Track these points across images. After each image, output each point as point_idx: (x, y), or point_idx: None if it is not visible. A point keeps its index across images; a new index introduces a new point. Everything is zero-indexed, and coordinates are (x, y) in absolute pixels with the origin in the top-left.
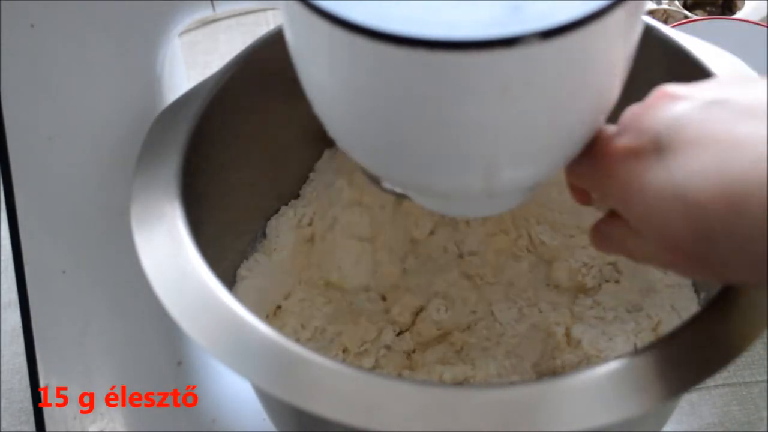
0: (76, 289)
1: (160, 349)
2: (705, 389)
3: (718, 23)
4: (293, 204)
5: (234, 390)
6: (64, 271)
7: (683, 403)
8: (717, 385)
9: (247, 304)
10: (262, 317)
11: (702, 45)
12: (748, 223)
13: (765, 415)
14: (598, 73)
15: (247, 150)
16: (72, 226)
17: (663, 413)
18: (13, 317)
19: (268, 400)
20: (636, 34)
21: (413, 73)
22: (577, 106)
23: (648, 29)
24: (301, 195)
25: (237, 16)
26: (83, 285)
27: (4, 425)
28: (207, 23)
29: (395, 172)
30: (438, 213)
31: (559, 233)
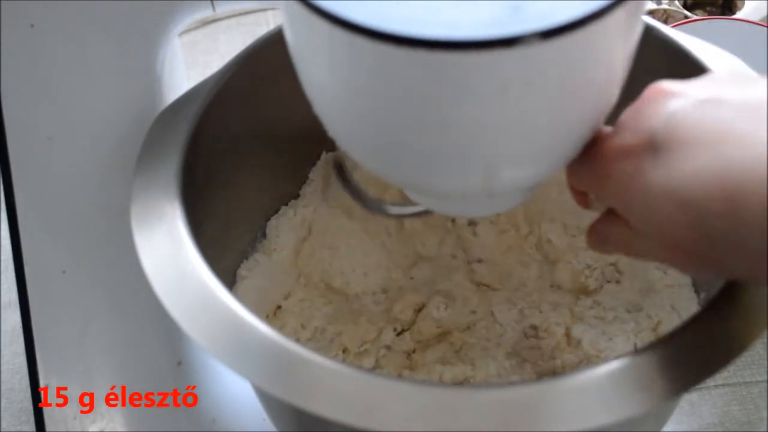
0: (76, 289)
1: (160, 349)
2: (705, 389)
3: (718, 23)
4: (293, 204)
5: (234, 390)
6: (64, 271)
7: (683, 403)
8: (717, 385)
9: (247, 304)
10: (262, 317)
11: (702, 45)
12: (747, 223)
13: (765, 415)
14: (598, 73)
15: (247, 150)
16: (72, 226)
17: (663, 413)
18: (13, 317)
19: (268, 400)
20: (636, 34)
21: (413, 73)
22: (577, 106)
23: (648, 29)
24: (301, 195)
25: (237, 16)
26: (83, 285)
27: (4, 425)
28: (207, 23)
29: (395, 171)
30: (443, 228)
31: (566, 233)
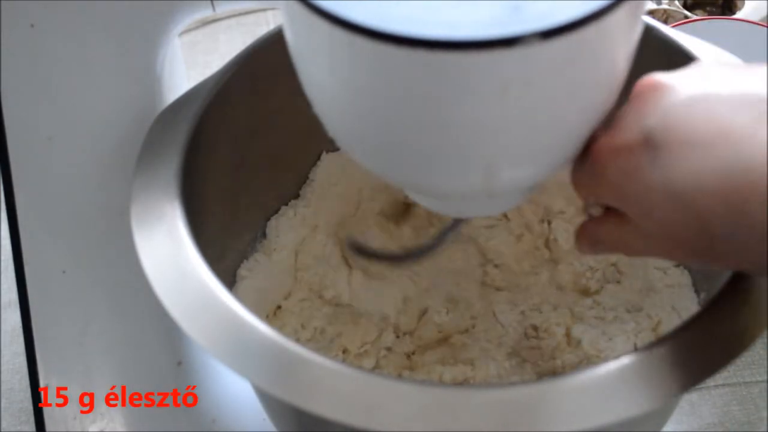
0: (76, 289)
1: (160, 349)
2: (705, 389)
3: (718, 23)
4: (293, 204)
5: (234, 390)
6: (64, 271)
7: (683, 403)
8: (717, 385)
9: (247, 304)
10: (262, 317)
11: (702, 45)
12: (748, 222)
13: (765, 415)
14: (597, 73)
15: (247, 150)
16: (72, 226)
17: (663, 413)
18: (13, 317)
19: (268, 400)
20: (636, 34)
21: (413, 73)
22: (577, 105)
23: (648, 29)
24: (301, 195)
25: (237, 16)
26: (83, 285)
27: (4, 425)
28: (207, 23)
29: (395, 171)
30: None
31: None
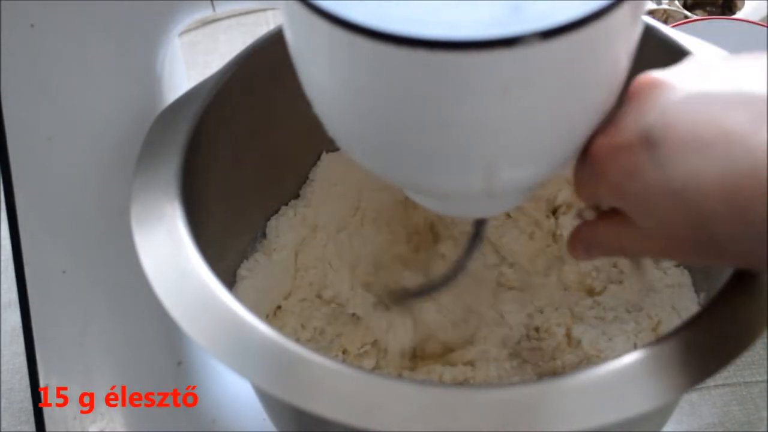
0: (76, 289)
1: (160, 349)
2: (705, 389)
3: (718, 23)
4: (293, 204)
5: (234, 390)
6: (64, 271)
7: (683, 403)
8: (717, 385)
9: (247, 304)
10: (262, 317)
11: (702, 45)
12: (748, 222)
13: (765, 415)
14: (598, 73)
15: (247, 150)
16: (72, 226)
17: (663, 413)
18: (13, 317)
19: (268, 400)
20: (636, 33)
21: (413, 73)
22: (578, 105)
23: (648, 29)
24: (301, 195)
25: (237, 16)
26: (83, 285)
27: (4, 425)
28: (207, 23)
29: (395, 171)
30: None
31: None
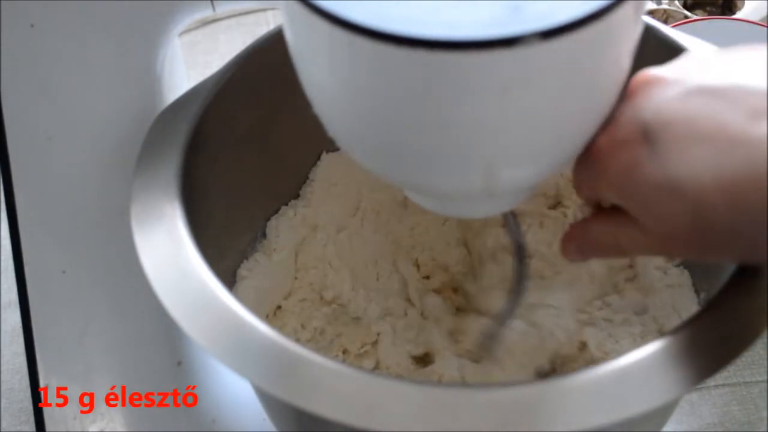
0: (76, 289)
1: (160, 349)
2: (705, 389)
3: (718, 23)
4: (293, 204)
5: (234, 390)
6: (64, 271)
7: (683, 403)
8: (717, 385)
9: (247, 304)
10: (262, 317)
11: (702, 45)
12: (745, 214)
13: (765, 415)
14: (598, 73)
15: (247, 150)
16: (72, 226)
17: (663, 413)
18: (13, 317)
19: (268, 400)
20: (636, 33)
21: (413, 73)
22: (578, 105)
23: (648, 29)
24: (301, 195)
25: (237, 16)
26: (83, 285)
27: (4, 425)
28: (207, 23)
29: (395, 171)
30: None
31: None
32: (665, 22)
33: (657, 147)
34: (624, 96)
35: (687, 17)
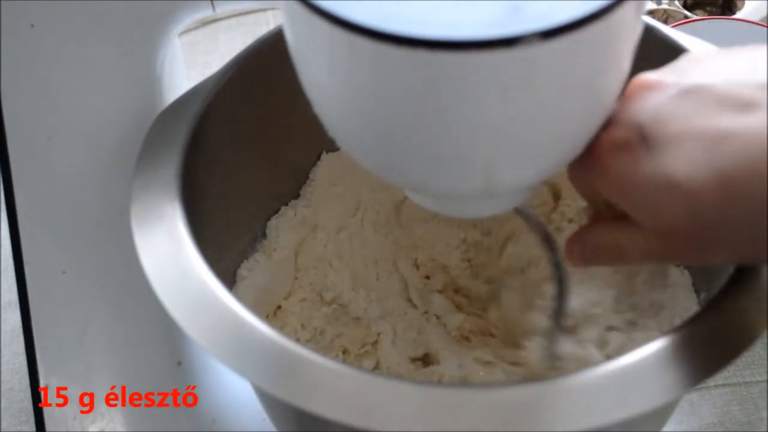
0: (76, 289)
1: (160, 349)
2: (705, 389)
3: (718, 23)
4: (293, 204)
5: (234, 390)
6: (64, 271)
7: (683, 403)
8: (717, 385)
9: (247, 304)
10: (262, 317)
11: (702, 45)
12: (742, 209)
13: (765, 415)
14: (598, 73)
15: (247, 150)
16: (72, 226)
17: (663, 413)
18: (13, 317)
19: (268, 400)
20: (636, 33)
21: (413, 73)
22: (578, 106)
23: (648, 29)
24: (301, 195)
25: (237, 16)
26: (83, 285)
27: (4, 425)
28: (207, 23)
29: (395, 172)
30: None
31: None
32: (665, 22)
33: (653, 147)
34: (623, 98)
35: (687, 17)
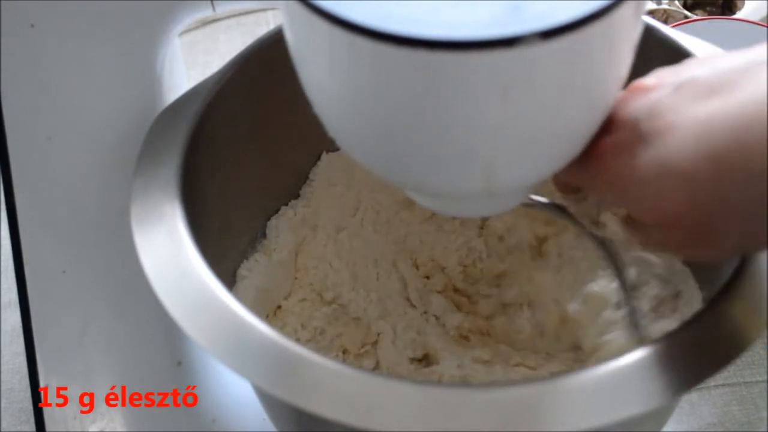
0: (76, 289)
1: (160, 349)
2: (705, 389)
3: (718, 23)
4: (293, 204)
5: (234, 390)
6: (64, 271)
7: (683, 403)
8: (717, 385)
9: (247, 304)
10: (262, 317)
11: (702, 45)
12: (737, 188)
13: (765, 415)
14: (598, 73)
15: (247, 150)
16: (72, 226)
17: (663, 413)
18: (13, 317)
19: (268, 400)
20: (636, 33)
21: (413, 74)
22: (578, 105)
23: (648, 29)
24: (301, 195)
25: (237, 16)
26: (83, 285)
27: (4, 425)
28: (207, 23)
29: (395, 172)
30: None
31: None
32: (665, 22)
33: (650, 140)
34: (620, 101)
35: (687, 17)
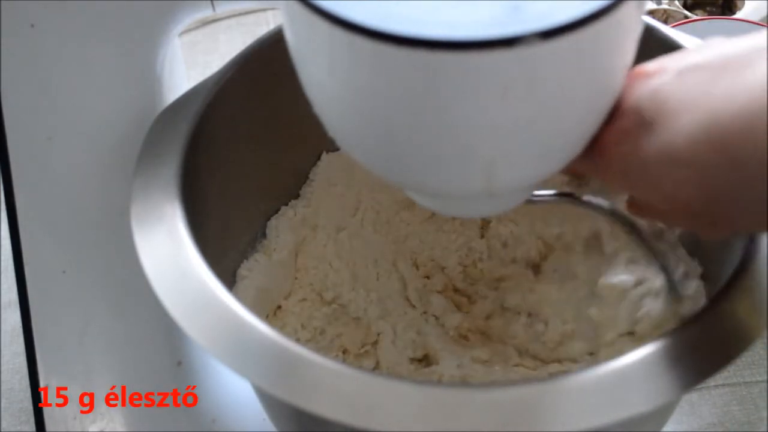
0: (76, 289)
1: (160, 349)
2: (705, 389)
3: (718, 23)
4: (293, 204)
5: (234, 390)
6: (64, 271)
7: (683, 403)
8: (717, 385)
9: (247, 304)
10: (262, 317)
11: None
12: (743, 172)
13: (765, 415)
14: (598, 73)
15: (247, 150)
16: (72, 226)
17: (663, 413)
18: (13, 317)
19: (268, 400)
20: (636, 33)
21: (413, 74)
22: (578, 105)
23: (648, 29)
24: (301, 195)
25: (237, 16)
26: (83, 285)
27: (4, 425)
28: (207, 23)
29: (395, 172)
30: None
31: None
32: (665, 22)
33: (652, 126)
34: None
35: (687, 17)
